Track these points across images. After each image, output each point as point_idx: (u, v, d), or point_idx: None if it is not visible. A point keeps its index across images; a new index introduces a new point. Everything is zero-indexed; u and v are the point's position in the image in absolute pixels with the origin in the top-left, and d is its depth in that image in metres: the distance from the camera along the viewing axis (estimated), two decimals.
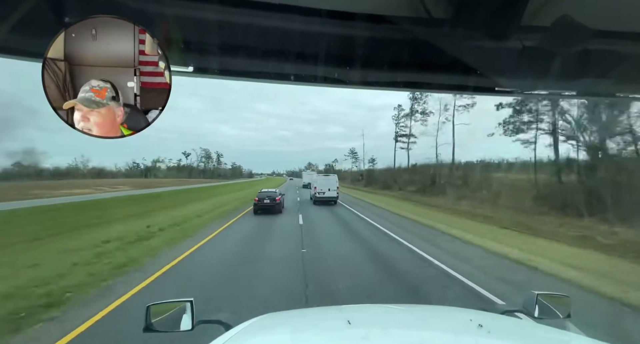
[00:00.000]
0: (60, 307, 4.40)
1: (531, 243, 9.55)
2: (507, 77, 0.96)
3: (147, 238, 9.17)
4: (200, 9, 0.72)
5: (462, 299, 4.95)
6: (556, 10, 0.70)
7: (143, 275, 5.91)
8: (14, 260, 6.91)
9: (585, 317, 4.09)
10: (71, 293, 4.89)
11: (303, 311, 1.46)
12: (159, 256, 7.28)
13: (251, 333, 1.11)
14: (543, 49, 0.80)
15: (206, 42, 0.81)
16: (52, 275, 5.73)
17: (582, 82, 0.95)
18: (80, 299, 4.73)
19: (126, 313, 4.22)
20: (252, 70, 0.89)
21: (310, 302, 4.61)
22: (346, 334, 1.05)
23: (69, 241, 9.04)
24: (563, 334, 1.13)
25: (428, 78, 0.97)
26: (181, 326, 1.26)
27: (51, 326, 3.87)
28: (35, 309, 4.26)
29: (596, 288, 5.47)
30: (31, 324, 3.88)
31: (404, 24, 0.77)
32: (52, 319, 4.05)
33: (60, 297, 4.73)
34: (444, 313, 1.42)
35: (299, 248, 8.14)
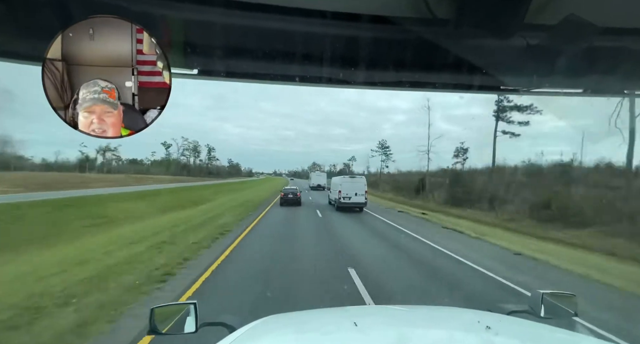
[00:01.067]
0: (209, 247, 7.97)
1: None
2: (512, 76, 0.95)
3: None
4: (205, 12, 0.73)
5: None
6: (560, 7, 0.70)
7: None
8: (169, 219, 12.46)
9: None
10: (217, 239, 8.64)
11: (308, 312, 1.45)
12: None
13: (255, 335, 1.11)
14: (548, 46, 0.80)
15: (211, 45, 0.82)
16: (189, 231, 9.88)
17: (588, 79, 0.95)
18: (213, 244, 8.28)
19: (241, 246, 8.11)
20: (257, 72, 0.90)
21: None
22: (352, 336, 1.04)
23: (182, 213, 14.69)
24: (572, 336, 1.12)
25: (433, 78, 0.97)
26: (185, 328, 1.26)
27: (209, 251, 7.49)
28: (199, 243, 8.11)
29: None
30: (201, 248, 7.69)
31: (407, 24, 0.77)
32: (208, 247, 7.86)
33: (203, 243, 8.23)
34: (451, 315, 1.41)
35: None
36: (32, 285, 4.96)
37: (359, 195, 17.40)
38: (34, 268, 5.89)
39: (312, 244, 8.69)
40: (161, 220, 12.81)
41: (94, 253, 7.07)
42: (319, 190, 37.37)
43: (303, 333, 1.18)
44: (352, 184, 17.57)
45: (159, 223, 11.96)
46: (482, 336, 1.01)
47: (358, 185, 17.53)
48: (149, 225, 11.58)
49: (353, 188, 17.49)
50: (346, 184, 17.58)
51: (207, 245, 8.06)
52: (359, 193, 17.41)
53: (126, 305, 4.23)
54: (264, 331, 1.17)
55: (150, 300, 4.46)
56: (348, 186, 17.48)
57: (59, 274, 5.51)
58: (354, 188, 17.50)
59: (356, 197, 17.34)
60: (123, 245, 8.01)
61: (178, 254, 6.98)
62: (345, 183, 17.61)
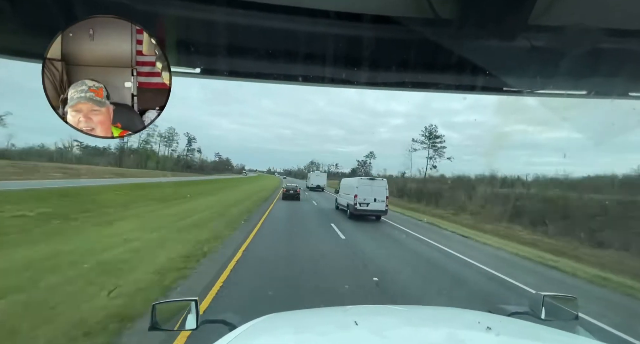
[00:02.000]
0: (250, 214, 12.79)
1: None
2: (515, 77, 0.95)
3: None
4: (208, 11, 0.72)
5: None
6: (564, 9, 0.69)
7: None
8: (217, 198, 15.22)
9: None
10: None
11: (308, 311, 1.45)
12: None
13: (255, 333, 1.10)
14: (552, 48, 0.79)
15: (214, 44, 0.82)
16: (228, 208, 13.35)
17: (592, 81, 0.94)
18: (250, 216, 12.12)
19: (268, 220, 11.38)
20: (260, 71, 0.90)
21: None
22: (352, 335, 1.04)
23: (212, 198, 19.11)
24: (572, 338, 1.12)
25: (436, 78, 0.96)
26: (186, 325, 1.28)
27: (254, 215, 12.43)
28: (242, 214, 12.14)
29: None
30: (245, 215, 11.84)
31: (411, 25, 0.76)
32: (250, 213, 12.83)
33: (244, 215, 12.31)
34: (451, 315, 1.41)
35: None
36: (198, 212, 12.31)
37: (379, 201, 14.13)
38: (189, 208, 13.99)
39: None
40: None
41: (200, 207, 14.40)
42: (318, 191, 35.43)
43: (303, 331, 1.18)
44: (370, 188, 14.10)
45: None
46: (482, 336, 1.01)
47: (378, 189, 14.19)
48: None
49: (372, 192, 14.10)
50: (363, 188, 14.07)
51: None
52: (379, 199, 14.13)
53: (240, 220, 10.85)
54: (264, 329, 1.17)
55: (245, 222, 10.63)
56: (366, 191, 14.04)
57: (203, 210, 13.30)
58: (373, 192, 14.11)
59: (375, 203, 14.07)
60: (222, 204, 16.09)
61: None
62: (362, 187, 14.09)
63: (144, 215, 11.32)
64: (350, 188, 15.04)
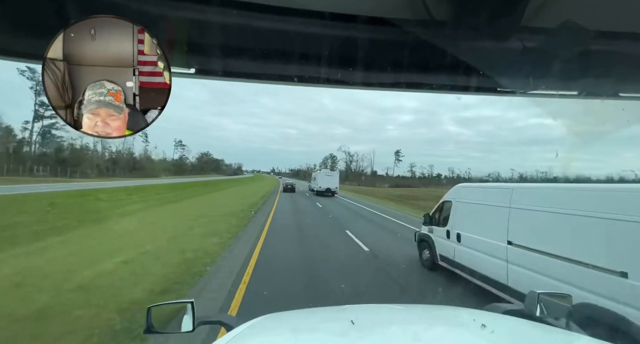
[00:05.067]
0: (256, 206, 17.28)
1: None
2: (508, 77, 0.96)
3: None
4: (202, 11, 0.72)
5: None
6: (556, 11, 0.71)
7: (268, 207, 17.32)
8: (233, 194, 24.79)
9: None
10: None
11: (305, 311, 1.45)
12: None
13: (252, 333, 1.11)
14: (544, 49, 0.81)
15: (208, 44, 0.82)
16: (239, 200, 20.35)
17: (583, 82, 0.96)
18: (259, 209, 16.39)
19: (277, 215, 14.21)
20: (254, 71, 0.90)
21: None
22: (349, 334, 1.05)
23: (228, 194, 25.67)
24: (566, 335, 1.13)
25: (430, 79, 0.97)
26: (182, 327, 1.26)
27: (264, 207, 17.58)
28: (250, 207, 16.32)
29: None
30: (254, 209, 15.68)
31: (405, 26, 0.77)
32: (257, 206, 17.36)
33: (254, 208, 16.27)
34: (447, 313, 1.42)
35: None
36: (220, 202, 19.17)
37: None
38: (215, 198, 22.44)
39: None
40: None
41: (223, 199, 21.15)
42: (327, 196, 26.59)
43: (300, 331, 1.18)
44: (329, 177, 28.35)
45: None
46: (477, 334, 1.02)
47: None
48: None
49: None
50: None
51: None
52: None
53: (257, 206, 17.17)
54: (261, 329, 1.17)
55: (260, 209, 15.87)
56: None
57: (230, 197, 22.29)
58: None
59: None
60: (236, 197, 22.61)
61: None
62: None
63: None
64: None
